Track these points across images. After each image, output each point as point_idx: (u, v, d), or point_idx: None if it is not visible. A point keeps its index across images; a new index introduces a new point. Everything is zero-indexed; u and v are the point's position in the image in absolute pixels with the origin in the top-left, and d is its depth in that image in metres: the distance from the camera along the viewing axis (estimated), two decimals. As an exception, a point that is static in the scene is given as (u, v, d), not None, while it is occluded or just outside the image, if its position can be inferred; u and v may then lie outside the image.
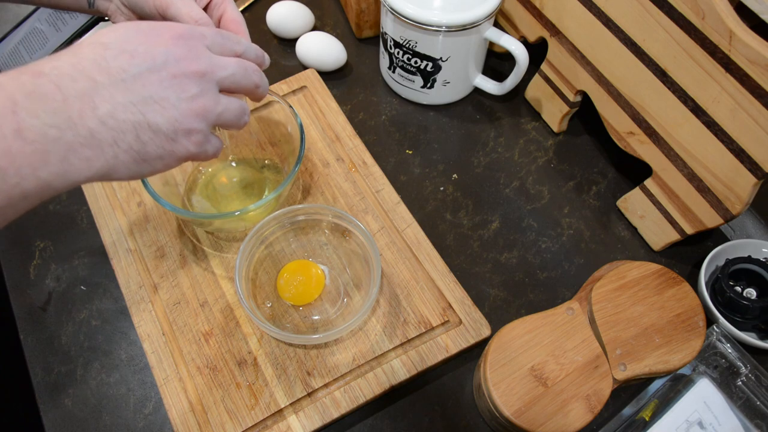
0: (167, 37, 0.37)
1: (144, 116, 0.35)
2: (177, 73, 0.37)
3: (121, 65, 0.35)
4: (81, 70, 0.34)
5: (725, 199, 0.54)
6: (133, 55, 0.36)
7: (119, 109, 0.35)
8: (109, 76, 0.35)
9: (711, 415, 0.51)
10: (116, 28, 0.37)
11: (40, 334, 0.58)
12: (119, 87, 0.35)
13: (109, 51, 0.35)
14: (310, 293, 0.57)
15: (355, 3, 0.73)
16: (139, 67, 0.36)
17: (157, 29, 0.38)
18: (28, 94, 0.32)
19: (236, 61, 0.41)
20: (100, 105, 0.34)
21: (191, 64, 0.38)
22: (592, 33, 0.59)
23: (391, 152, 0.69)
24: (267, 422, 0.52)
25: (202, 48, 0.39)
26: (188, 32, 0.39)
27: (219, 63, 0.40)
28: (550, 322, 0.51)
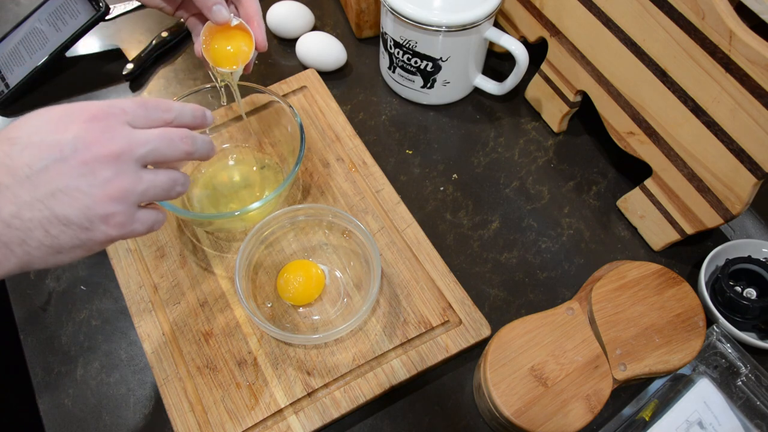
0: (80, 121, 0.35)
1: (52, 211, 0.34)
2: (88, 159, 0.35)
3: (26, 161, 0.34)
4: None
5: (725, 199, 0.54)
6: (39, 147, 0.34)
7: (24, 208, 0.34)
8: (14, 175, 0.33)
9: (711, 415, 0.51)
10: (29, 118, 0.35)
11: (40, 334, 0.58)
12: (24, 185, 0.34)
13: (15, 147, 0.34)
14: (310, 293, 0.57)
15: (355, 3, 0.73)
16: (46, 159, 0.34)
17: (70, 114, 0.36)
18: None
19: (159, 133, 0.38)
20: (4, 207, 0.33)
21: (104, 146, 0.36)
22: (592, 33, 0.59)
23: (391, 152, 0.69)
24: (267, 422, 0.52)
25: (119, 126, 0.37)
26: (104, 111, 0.36)
27: (138, 139, 0.37)
28: (550, 322, 0.51)
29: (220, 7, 0.49)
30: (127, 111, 0.38)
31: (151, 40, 0.77)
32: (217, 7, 0.49)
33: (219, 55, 0.53)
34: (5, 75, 0.73)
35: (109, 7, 0.72)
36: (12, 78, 0.73)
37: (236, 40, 0.52)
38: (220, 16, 0.50)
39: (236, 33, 0.52)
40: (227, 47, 0.52)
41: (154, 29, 0.80)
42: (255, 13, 0.52)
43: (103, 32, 0.80)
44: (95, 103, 0.37)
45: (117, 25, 0.81)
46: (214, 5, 0.49)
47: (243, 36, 0.52)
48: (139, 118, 0.38)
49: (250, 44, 0.52)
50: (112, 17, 0.81)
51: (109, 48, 0.79)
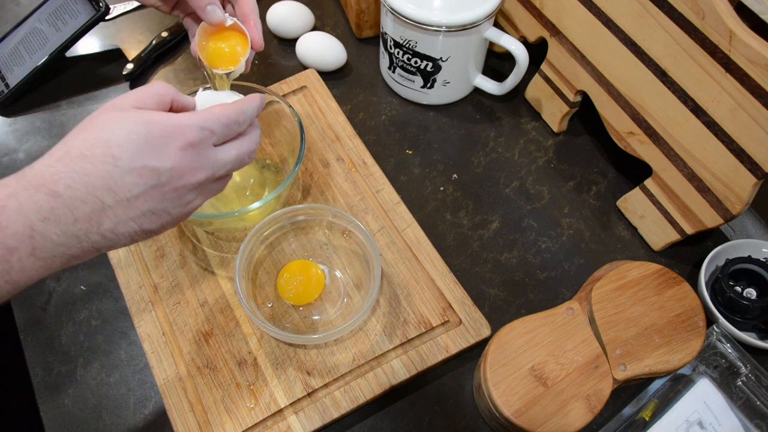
0: (177, 147, 0.39)
1: (141, 227, 0.39)
2: (178, 187, 0.40)
3: (128, 185, 0.37)
4: (91, 190, 0.37)
5: (725, 199, 0.54)
6: (141, 173, 0.38)
7: (120, 224, 0.38)
8: (116, 196, 0.37)
9: (711, 415, 0.51)
10: (128, 129, 0.38)
11: (40, 334, 0.58)
12: (123, 206, 0.38)
13: (117, 168, 0.37)
14: (310, 293, 0.57)
15: (355, 3, 0.73)
16: (145, 185, 0.38)
17: (169, 136, 0.39)
18: (44, 218, 0.35)
19: (236, 155, 0.43)
20: (104, 223, 0.38)
21: (194, 176, 0.40)
22: (592, 33, 0.59)
23: (391, 152, 0.69)
24: (267, 422, 0.52)
25: (207, 151, 0.41)
26: (198, 138, 0.40)
27: (220, 164, 0.42)
28: (550, 322, 0.51)
29: (214, 7, 0.49)
30: (215, 132, 0.41)
31: (151, 40, 0.77)
32: (211, 8, 0.49)
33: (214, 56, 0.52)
34: (5, 75, 0.73)
35: (109, 7, 0.72)
36: (12, 78, 0.73)
37: (231, 40, 0.52)
38: (214, 16, 0.50)
39: (231, 34, 0.52)
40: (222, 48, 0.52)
41: (154, 29, 0.80)
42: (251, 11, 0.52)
43: (103, 32, 0.80)
44: (191, 126, 0.40)
45: (117, 25, 0.81)
46: (207, 5, 0.49)
47: (238, 36, 0.52)
48: (222, 137, 0.42)
49: (245, 45, 0.52)
50: (112, 17, 0.81)
51: (109, 48, 0.79)
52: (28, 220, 0.35)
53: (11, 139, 0.71)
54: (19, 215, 0.35)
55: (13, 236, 0.35)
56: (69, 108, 0.73)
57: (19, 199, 0.35)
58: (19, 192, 0.35)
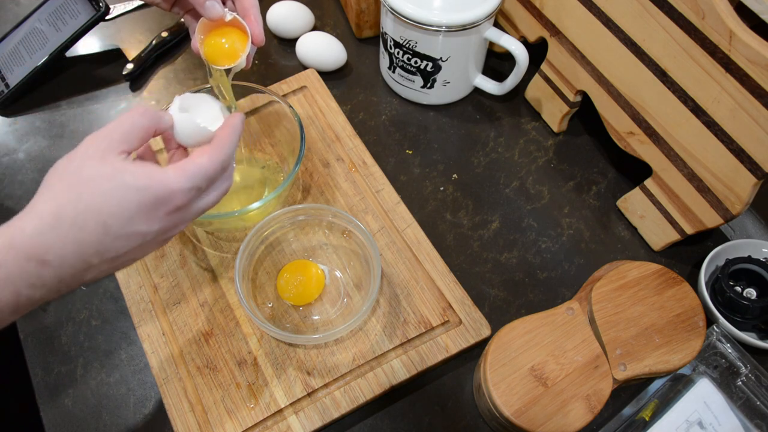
0: (164, 213, 0.40)
1: (116, 269, 0.41)
2: (160, 240, 0.41)
3: (116, 249, 0.39)
4: (81, 256, 0.37)
5: (725, 199, 0.54)
6: (129, 238, 0.39)
7: (102, 274, 0.40)
8: (103, 257, 0.38)
9: (711, 415, 0.51)
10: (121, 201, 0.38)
11: (40, 334, 0.58)
12: (108, 263, 0.39)
13: (108, 235, 0.38)
14: (310, 293, 0.57)
15: (355, 3, 0.73)
16: (131, 245, 0.39)
17: (158, 205, 0.39)
18: (31, 285, 0.36)
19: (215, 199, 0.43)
20: (87, 276, 0.39)
21: (176, 229, 0.42)
22: (592, 33, 0.59)
23: (391, 152, 0.69)
24: (267, 422, 0.52)
25: (194, 206, 0.42)
26: (188, 198, 0.40)
27: (201, 212, 0.43)
28: (550, 322, 0.51)
29: (213, 2, 0.49)
30: (202, 189, 0.42)
31: (151, 40, 0.77)
32: (210, 3, 0.49)
33: (213, 52, 0.52)
34: (5, 75, 0.73)
35: (109, 7, 0.72)
36: (12, 78, 0.73)
37: (231, 36, 0.52)
38: (213, 11, 0.49)
39: (231, 29, 0.52)
40: (222, 44, 0.52)
41: (154, 29, 0.80)
42: (251, 6, 0.52)
43: (103, 32, 0.80)
44: (181, 191, 0.40)
45: (117, 25, 0.81)
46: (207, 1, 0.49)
47: (238, 32, 0.52)
48: (207, 189, 0.42)
49: (245, 41, 0.52)
50: (112, 17, 0.81)
51: (109, 48, 0.79)
52: (15, 288, 0.36)
53: (11, 139, 0.71)
54: (7, 284, 0.35)
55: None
56: (69, 108, 0.73)
57: (8, 268, 0.35)
58: (8, 261, 0.35)
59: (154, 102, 0.74)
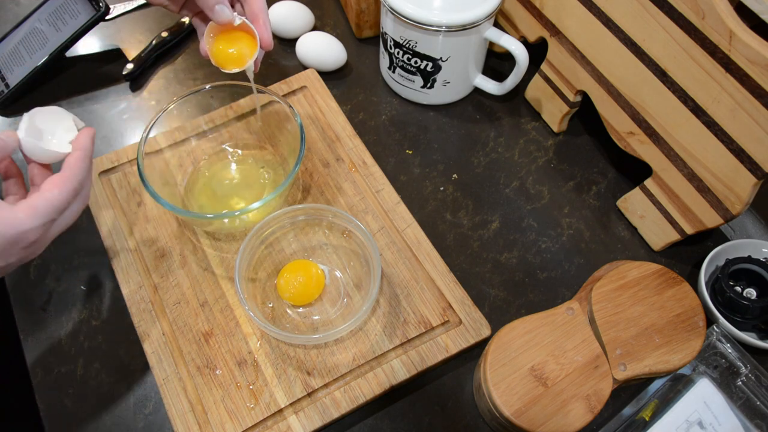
0: (19, 249, 0.42)
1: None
2: (19, 263, 0.43)
3: None
4: None
5: (725, 199, 0.54)
6: None
7: None
8: None
9: (711, 415, 0.51)
10: None
11: (40, 334, 0.58)
12: None
13: None
14: (310, 293, 0.57)
15: (355, 3, 0.73)
16: None
17: (11, 246, 0.41)
18: None
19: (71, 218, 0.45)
20: None
21: (34, 255, 0.44)
22: (592, 33, 0.59)
23: (391, 152, 0.69)
24: (267, 422, 0.52)
25: (48, 235, 0.44)
26: (39, 236, 0.42)
27: (55, 234, 0.45)
28: (550, 322, 0.51)
29: (223, 6, 0.49)
30: (54, 219, 0.43)
31: (151, 40, 0.77)
32: (220, 7, 0.49)
33: (223, 56, 0.52)
34: (5, 75, 0.73)
35: (109, 7, 0.72)
36: (12, 78, 0.73)
37: (240, 41, 0.52)
38: (222, 15, 0.49)
39: (240, 34, 0.52)
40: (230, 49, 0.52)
41: (154, 29, 0.80)
42: (260, 10, 0.52)
43: (103, 32, 0.80)
44: (33, 230, 0.42)
45: (117, 25, 0.81)
46: (216, 5, 0.49)
47: (246, 37, 0.52)
48: (60, 214, 0.44)
49: (253, 45, 0.52)
50: (112, 17, 0.81)
51: (109, 48, 0.79)
52: None
53: (11, 139, 0.71)
54: None
55: None
56: (69, 108, 0.73)
57: None
58: None
59: (154, 102, 0.74)
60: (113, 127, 0.72)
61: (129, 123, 0.72)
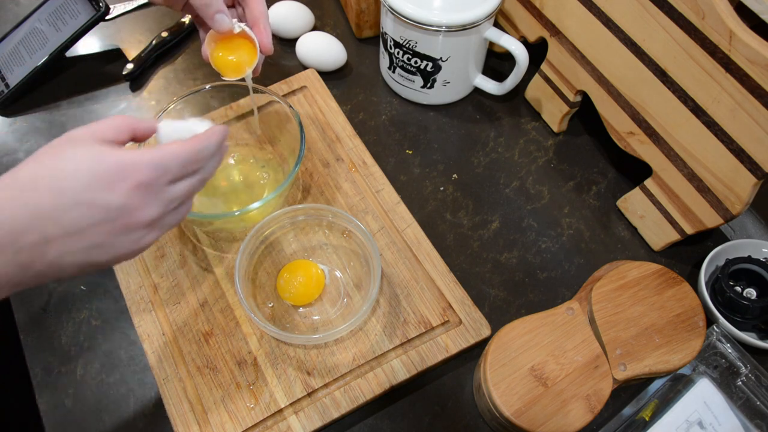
0: (128, 186, 0.38)
1: (88, 258, 0.38)
2: (128, 223, 0.38)
3: (75, 218, 0.36)
4: (35, 221, 0.35)
5: (725, 199, 0.54)
6: (89, 207, 0.37)
7: (66, 255, 0.37)
8: (62, 228, 0.36)
9: (711, 415, 0.51)
10: (78, 166, 0.37)
11: (40, 334, 0.58)
12: (69, 238, 0.37)
13: (63, 200, 0.36)
14: (310, 293, 0.57)
15: (355, 3, 0.73)
16: (93, 219, 0.37)
17: (121, 173, 0.37)
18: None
19: (188, 191, 0.42)
20: (49, 253, 0.36)
21: (144, 214, 0.39)
22: (592, 33, 0.59)
23: (391, 152, 0.69)
24: (267, 422, 0.52)
25: (160, 190, 0.40)
26: (151, 178, 0.39)
27: (171, 201, 0.41)
28: (550, 322, 0.51)
29: (223, 15, 0.49)
30: (170, 171, 0.40)
31: (151, 40, 0.77)
32: (220, 16, 0.49)
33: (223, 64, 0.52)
34: (5, 75, 0.73)
35: (109, 7, 0.72)
36: (12, 78, 0.73)
37: (240, 49, 0.52)
38: (222, 24, 0.49)
39: (240, 41, 0.52)
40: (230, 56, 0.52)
41: (154, 29, 0.80)
42: (261, 15, 0.52)
43: (103, 32, 0.80)
44: (145, 165, 0.38)
45: (117, 25, 0.81)
46: (216, 14, 0.49)
47: (247, 44, 0.52)
48: (178, 175, 0.41)
49: (253, 52, 0.52)
50: (112, 17, 0.81)
51: (109, 48, 0.79)
52: None
53: (11, 139, 0.71)
54: None
55: None
56: (69, 108, 0.73)
57: None
58: None
59: (154, 102, 0.74)
60: (113, 127, 0.72)
61: (129, 123, 0.72)
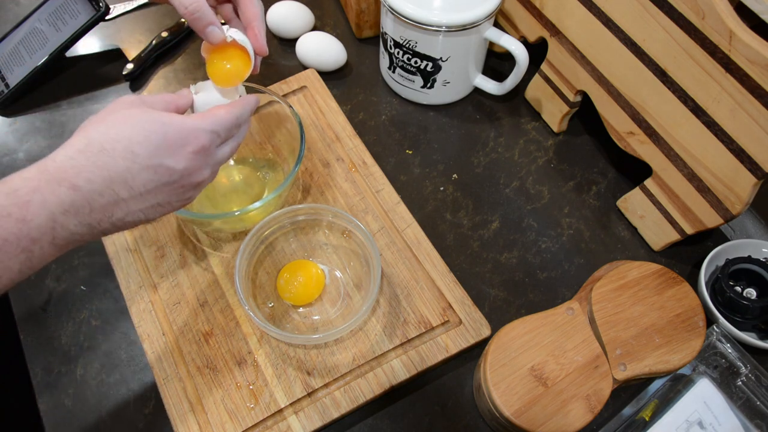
0: (189, 151, 0.42)
1: (147, 216, 0.43)
2: (185, 184, 0.43)
3: (143, 181, 0.41)
4: (109, 184, 0.39)
5: (725, 199, 0.54)
6: (156, 170, 0.41)
7: (129, 215, 0.41)
8: (131, 190, 0.40)
9: (711, 415, 0.51)
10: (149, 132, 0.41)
11: (40, 334, 0.58)
12: (136, 199, 0.41)
13: (135, 164, 0.40)
14: (310, 293, 0.57)
15: (355, 3, 0.73)
16: (158, 182, 0.41)
17: (184, 139, 0.42)
18: (65, 211, 0.38)
19: (230, 152, 0.47)
20: (116, 213, 0.40)
21: (200, 175, 0.44)
22: (592, 33, 0.59)
23: (391, 152, 0.69)
24: (267, 422, 0.52)
25: (213, 153, 0.45)
26: (209, 141, 0.44)
27: (219, 162, 0.46)
28: (550, 322, 0.51)
29: (214, 27, 0.50)
30: (221, 135, 0.45)
31: (151, 40, 0.77)
32: (211, 28, 0.50)
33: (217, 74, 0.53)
34: (5, 75, 0.73)
35: (109, 7, 0.72)
36: (12, 78, 0.73)
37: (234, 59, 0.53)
38: (214, 37, 0.50)
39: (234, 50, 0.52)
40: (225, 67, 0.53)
41: (154, 29, 0.80)
42: (254, 17, 0.52)
43: (103, 32, 0.80)
44: (204, 131, 0.43)
45: (117, 25, 0.81)
46: (207, 27, 0.50)
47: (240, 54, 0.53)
48: (225, 138, 0.46)
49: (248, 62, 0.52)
50: (112, 17, 0.81)
51: (109, 48, 0.79)
52: (50, 213, 0.37)
53: (11, 139, 0.71)
54: (43, 209, 0.37)
55: (37, 228, 0.37)
56: (69, 108, 0.73)
57: (42, 194, 0.37)
58: (42, 186, 0.37)
59: (154, 102, 0.74)
60: (113, 127, 0.72)
61: (129, 123, 0.72)
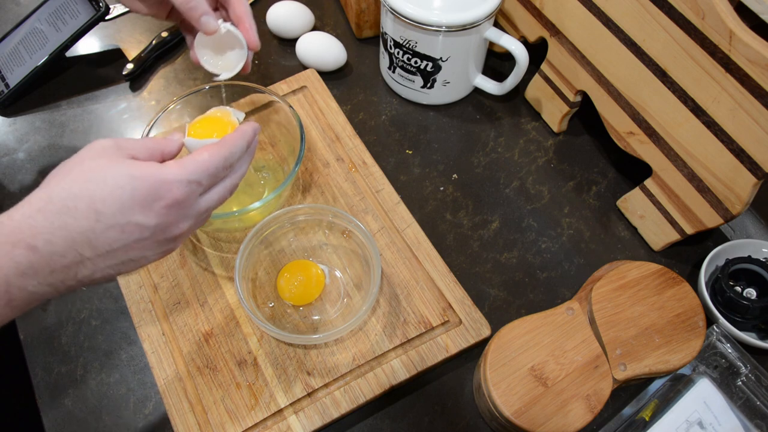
0: (161, 206, 0.38)
1: (118, 272, 0.39)
2: (160, 240, 0.39)
3: (109, 240, 0.37)
4: (71, 244, 0.36)
5: (725, 199, 0.54)
6: (123, 229, 0.37)
7: (98, 272, 0.38)
8: (95, 249, 0.37)
9: (711, 415, 0.51)
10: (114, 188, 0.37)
11: (40, 334, 0.58)
12: (103, 257, 0.37)
13: (100, 223, 0.36)
14: (310, 293, 0.57)
15: (355, 3, 0.73)
16: (127, 240, 0.38)
17: (156, 194, 0.38)
18: (22, 273, 0.35)
19: (219, 199, 0.43)
20: (81, 271, 0.37)
21: (177, 228, 0.40)
22: (592, 33, 0.59)
23: (391, 152, 0.69)
24: (267, 422, 0.52)
25: (194, 203, 0.41)
26: (186, 194, 0.39)
27: (204, 211, 0.42)
28: (550, 322, 0.51)
29: (208, 17, 0.50)
30: (202, 184, 0.41)
31: (151, 40, 0.77)
32: (205, 18, 0.49)
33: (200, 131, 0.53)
34: (5, 75, 0.73)
35: (109, 7, 0.72)
36: (12, 78, 0.73)
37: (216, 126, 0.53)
38: (208, 26, 0.50)
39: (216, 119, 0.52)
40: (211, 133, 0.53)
41: (154, 29, 0.80)
42: (244, 14, 0.52)
43: (103, 32, 0.80)
44: (178, 183, 0.39)
45: (117, 25, 0.81)
46: (201, 16, 0.49)
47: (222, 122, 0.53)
48: (209, 186, 0.42)
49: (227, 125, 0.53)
50: (112, 17, 0.81)
51: (109, 48, 0.79)
52: (4, 276, 0.35)
53: (11, 139, 0.71)
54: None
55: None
56: (69, 108, 0.73)
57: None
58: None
59: (154, 102, 0.74)
60: (113, 127, 0.72)
61: (129, 123, 0.72)
